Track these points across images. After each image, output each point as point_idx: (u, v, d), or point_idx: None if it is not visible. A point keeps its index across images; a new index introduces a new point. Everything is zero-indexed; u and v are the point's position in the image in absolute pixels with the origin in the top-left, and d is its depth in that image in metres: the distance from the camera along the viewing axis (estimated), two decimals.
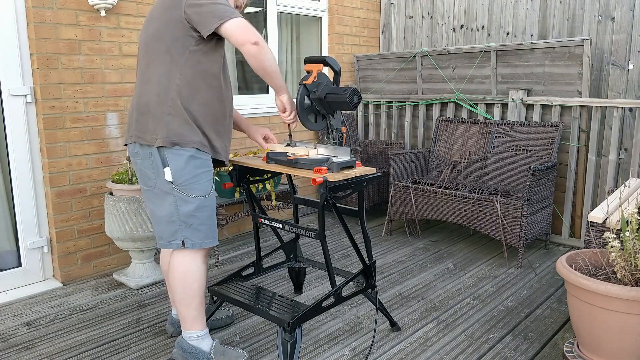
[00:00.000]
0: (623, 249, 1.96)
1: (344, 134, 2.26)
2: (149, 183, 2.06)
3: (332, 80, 2.23)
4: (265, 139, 2.42)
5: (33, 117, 2.94)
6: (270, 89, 4.33)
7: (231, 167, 2.38)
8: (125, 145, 2.14)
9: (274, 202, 3.71)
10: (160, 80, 1.95)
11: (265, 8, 4.21)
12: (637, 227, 1.95)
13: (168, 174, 1.96)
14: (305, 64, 2.23)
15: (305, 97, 2.19)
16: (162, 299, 2.87)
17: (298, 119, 2.19)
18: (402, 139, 4.68)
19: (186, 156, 1.96)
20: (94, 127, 3.12)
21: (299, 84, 2.18)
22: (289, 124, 2.32)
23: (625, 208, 2.08)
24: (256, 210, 2.50)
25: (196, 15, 1.87)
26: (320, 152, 2.24)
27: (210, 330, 2.41)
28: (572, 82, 3.62)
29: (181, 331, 2.16)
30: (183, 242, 2.02)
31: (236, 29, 1.86)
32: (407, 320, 2.60)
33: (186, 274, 2.05)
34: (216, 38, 1.97)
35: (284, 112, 2.18)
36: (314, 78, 2.17)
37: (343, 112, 3.39)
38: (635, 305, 1.83)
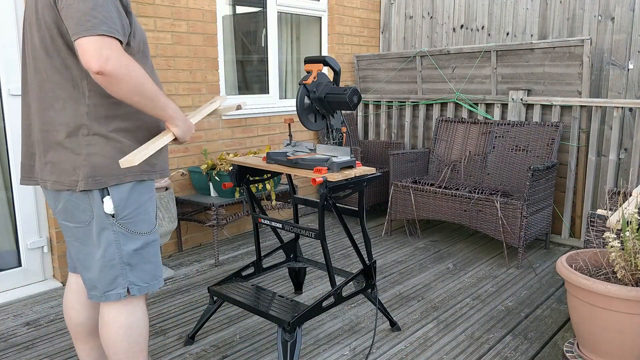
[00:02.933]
0: (623, 249, 1.96)
1: (344, 134, 2.26)
2: (82, 217, 1.59)
3: (332, 80, 2.23)
4: None
5: None
6: (271, 89, 4.33)
7: (231, 167, 2.38)
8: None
9: (274, 202, 3.71)
10: (65, 104, 1.52)
11: (265, 8, 4.21)
12: (637, 227, 1.95)
13: (109, 206, 1.56)
14: (305, 64, 2.23)
15: (305, 97, 2.19)
16: (162, 299, 2.87)
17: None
18: (402, 139, 4.68)
19: (133, 184, 1.60)
20: None
21: (299, 84, 2.18)
22: (289, 124, 2.33)
23: (626, 208, 2.08)
24: (256, 210, 2.50)
25: (64, 12, 1.43)
26: (320, 152, 2.24)
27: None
28: (572, 82, 3.62)
29: None
30: (128, 290, 1.63)
31: (83, 52, 1.39)
32: (407, 320, 2.60)
33: (131, 327, 1.66)
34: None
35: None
36: (314, 78, 2.17)
37: (343, 112, 3.39)
38: (635, 305, 1.83)
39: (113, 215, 1.58)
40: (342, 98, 2.11)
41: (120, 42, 1.45)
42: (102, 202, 1.56)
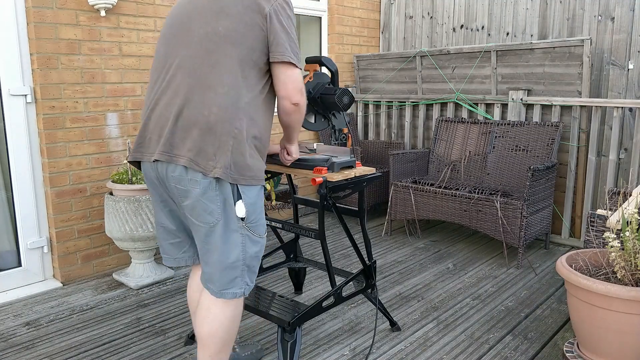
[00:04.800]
0: (623, 249, 1.96)
1: (348, 135, 2.25)
2: (208, 219, 1.63)
3: (330, 81, 2.22)
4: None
5: (33, 117, 2.94)
6: None
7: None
8: (130, 162, 1.81)
9: (274, 202, 3.71)
10: (229, 91, 1.60)
11: None
12: (637, 227, 1.95)
13: (241, 209, 1.63)
14: (305, 64, 2.23)
15: None
16: (162, 299, 2.87)
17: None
18: (402, 139, 4.68)
19: (258, 187, 1.69)
20: (94, 127, 3.12)
21: None
22: None
23: (625, 208, 2.08)
24: None
25: (276, 32, 1.63)
26: (320, 152, 2.24)
27: None
28: (572, 82, 3.62)
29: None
30: (244, 291, 1.73)
31: (292, 81, 1.66)
32: (407, 320, 2.60)
33: (234, 319, 1.76)
34: None
35: (288, 156, 2.04)
36: (310, 78, 2.17)
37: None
38: (635, 305, 1.83)
39: (243, 219, 1.65)
40: (332, 99, 2.10)
41: None
42: (234, 205, 1.63)
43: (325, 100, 2.12)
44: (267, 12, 1.63)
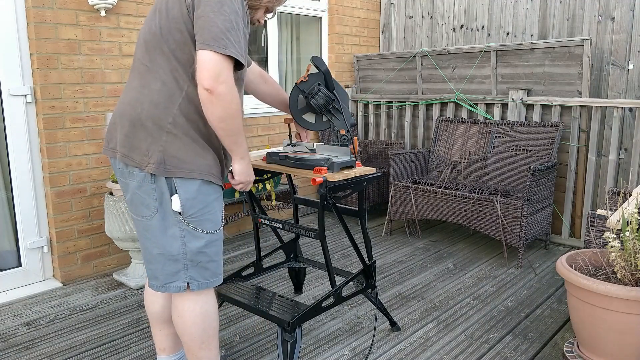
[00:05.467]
0: (623, 249, 1.96)
1: (350, 138, 2.23)
2: (145, 212, 1.67)
3: (321, 81, 2.20)
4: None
5: (33, 117, 2.94)
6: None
7: (231, 167, 2.37)
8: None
9: (274, 202, 3.71)
10: (162, 88, 1.63)
11: None
12: (637, 227, 1.95)
13: (176, 204, 1.64)
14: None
15: (301, 97, 2.19)
16: None
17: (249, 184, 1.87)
18: (402, 139, 4.68)
19: (198, 182, 1.66)
20: (94, 127, 3.12)
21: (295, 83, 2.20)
22: (289, 124, 2.33)
23: (626, 208, 2.08)
24: (256, 210, 2.50)
25: (198, 18, 1.57)
26: (320, 152, 2.24)
27: None
28: (572, 82, 3.62)
29: None
30: (188, 284, 1.72)
31: (205, 67, 1.52)
32: (407, 320, 2.60)
33: (205, 314, 1.76)
34: None
35: (232, 179, 1.83)
36: (304, 78, 2.17)
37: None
38: (635, 305, 1.83)
39: (180, 213, 1.65)
40: (311, 99, 2.11)
41: (238, 67, 1.61)
42: (171, 199, 1.64)
43: (310, 101, 2.14)
44: (190, 2, 1.58)
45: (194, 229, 1.68)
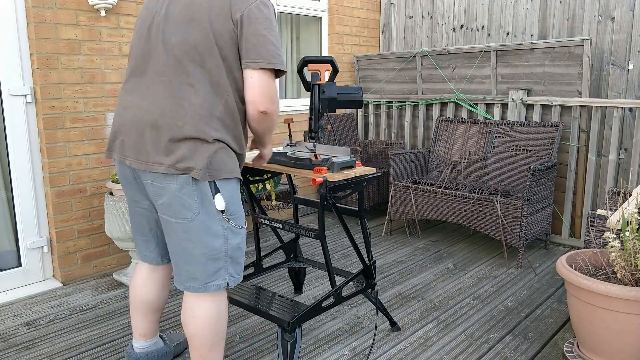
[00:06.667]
0: (623, 249, 1.96)
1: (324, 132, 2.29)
2: (186, 214, 1.67)
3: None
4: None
5: (33, 117, 2.94)
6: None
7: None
8: (110, 158, 1.84)
9: (274, 202, 3.71)
10: (203, 103, 1.63)
11: None
12: (637, 227, 1.95)
13: (220, 202, 1.67)
14: (307, 64, 2.20)
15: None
16: None
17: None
18: (402, 139, 4.68)
19: (234, 180, 1.74)
20: (94, 127, 3.12)
21: (312, 85, 2.15)
22: (289, 124, 2.33)
23: (626, 208, 2.08)
24: (256, 210, 2.50)
25: (247, 38, 1.61)
26: (320, 152, 2.24)
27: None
28: (572, 82, 3.62)
29: None
30: (228, 282, 1.75)
31: (259, 86, 1.62)
32: (407, 320, 2.60)
33: (219, 316, 1.77)
34: None
35: (261, 159, 2.06)
36: (326, 78, 2.18)
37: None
38: (635, 305, 1.83)
39: (223, 212, 1.69)
40: (357, 97, 2.19)
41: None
42: (214, 198, 1.67)
43: (344, 99, 2.20)
44: (238, 18, 1.60)
45: (233, 225, 1.73)
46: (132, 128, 1.70)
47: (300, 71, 2.22)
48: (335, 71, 2.18)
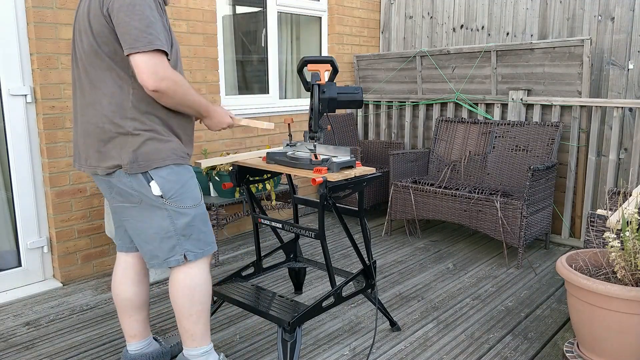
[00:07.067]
0: (623, 249, 1.96)
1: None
2: (132, 199, 1.82)
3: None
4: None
5: (33, 117, 2.94)
6: (271, 89, 4.33)
7: (231, 167, 2.37)
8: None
9: (273, 202, 3.71)
10: (112, 100, 1.73)
11: (265, 8, 4.21)
12: (637, 227, 1.95)
13: (156, 189, 1.77)
14: (307, 64, 2.19)
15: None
16: (161, 299, 2.87)
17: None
18: (402, 139, 4.68)
19: (170, 166, 1.80)
20: None
21: (312, 85, 2.16)
22: (289, 124, 2.33)
23: (625, 208, 2.08)
24: (256, 210, 2.50)
25: (118, 25, 1.64)
26: (320, 152, 2.24)
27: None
28: (572, 82, 3.62)
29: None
30: (185, 256, 1.86)
31: (140, 70, 1.62)
32: (407, 320, 2.60)
33: (195, 288, 1.89)
34: None
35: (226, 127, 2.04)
36: (326, 78, 2.18)
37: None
38: (635, 305, 1.83)
39: (162, 196, 1.79)
40: (357, 97, 2.20)
41: (167, 56, 1.68)
42: (149, 186, 1.77)
43: (344, 99, 2.21)
44: (106, 13, 1.66)
45: (178, 207, 1.82)
46: (77, 140, 1.86)
47: (300, 71, 2.22)
48: (335, 71, 2.18)
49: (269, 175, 2.46)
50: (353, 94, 2.20)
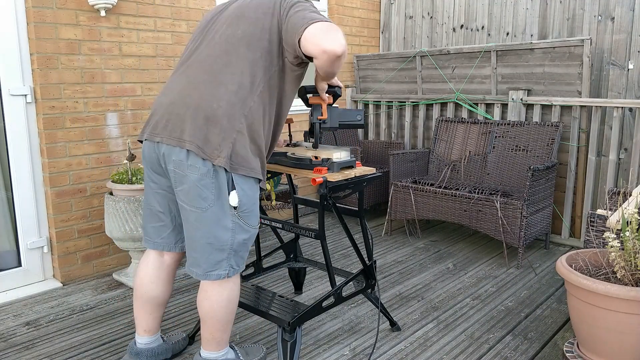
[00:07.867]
0: (623, 249, 1.96)
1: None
2: (201, 204, 1.75)
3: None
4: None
5: (33, 117, 2.94)
6: None
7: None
8: (140, 141, 1.91)
9: (274, 202, 3.71)
10: (239, 90, 1.74)
11: None
12: (637, 227, 1.95)
13: (234, 199, 1.75)
14: (307, 94, 2.11)
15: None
16: None
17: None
18: (402, 139, 4.68)
19: (253, 180, 1.81)
20: (94, 127, 3.12)
21: (314, 122, 2.10)
22: (289, 124, 2.33)
23: (625, 208, 2.08)
24: None
25: (289, 18, 1.74)
26: (320, 152, 2.24)
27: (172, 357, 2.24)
28: (572, 82, 3.62)
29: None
30: (227, 272, 1.85)
31: (319, 37, 1.66)
32: (407, 320, 2.60)
33: (232, 300, 1.90)
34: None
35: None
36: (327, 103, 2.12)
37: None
38: (635, 305, 1.83)
39: (235, 208, 1.77)
40: (358, 122, 2.20)
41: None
42: (229, 194, 1.75)
43: (346, 126, 2.20)
44: (279, 9, 1.75)
45: (244, 222, 1.82)
46: (168, 110, 1.80)
47: (301, 97, 2.15)
48: (336, 96, 2.14)
49: (269, 175, 2.46)
50: (354, 121, 2.19)
